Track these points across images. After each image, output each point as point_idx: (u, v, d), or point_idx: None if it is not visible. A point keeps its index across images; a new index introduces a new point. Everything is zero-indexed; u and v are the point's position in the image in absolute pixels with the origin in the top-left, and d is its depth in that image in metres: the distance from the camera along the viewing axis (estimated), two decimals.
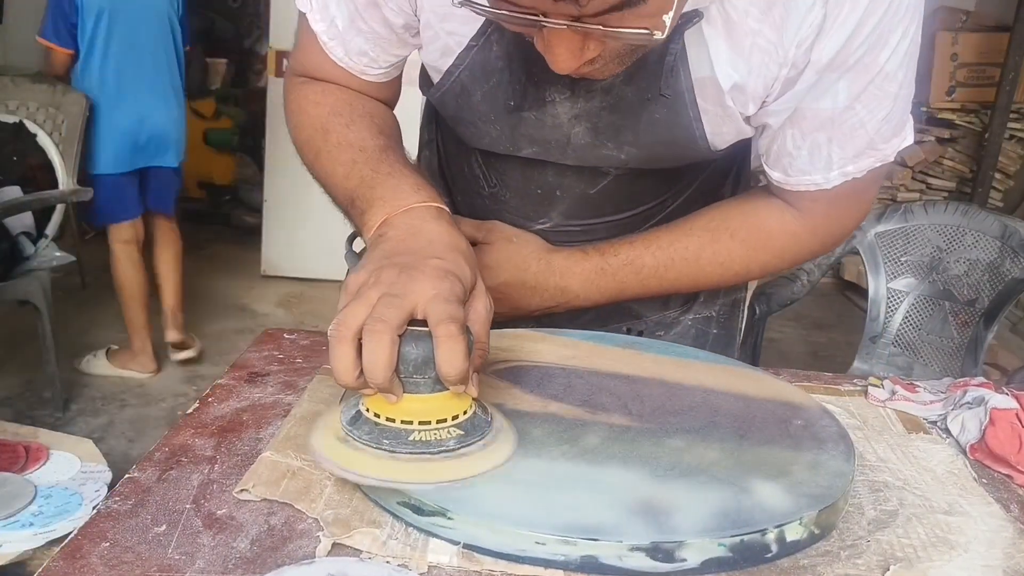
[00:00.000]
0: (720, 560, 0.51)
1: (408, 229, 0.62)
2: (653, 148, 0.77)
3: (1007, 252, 1.65)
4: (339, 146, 0.73)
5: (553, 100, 0.74)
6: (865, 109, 0.71)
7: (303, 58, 0.80)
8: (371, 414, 0.56)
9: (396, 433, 0.55)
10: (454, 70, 0.75)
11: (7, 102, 2.64)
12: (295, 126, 0.80)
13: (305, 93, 0.80)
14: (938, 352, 1.69)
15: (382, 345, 0.52)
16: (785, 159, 0.76)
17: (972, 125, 4.06)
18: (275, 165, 3.85)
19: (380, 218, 0.64)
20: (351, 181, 0.69)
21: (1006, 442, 0.68)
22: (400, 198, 0.65)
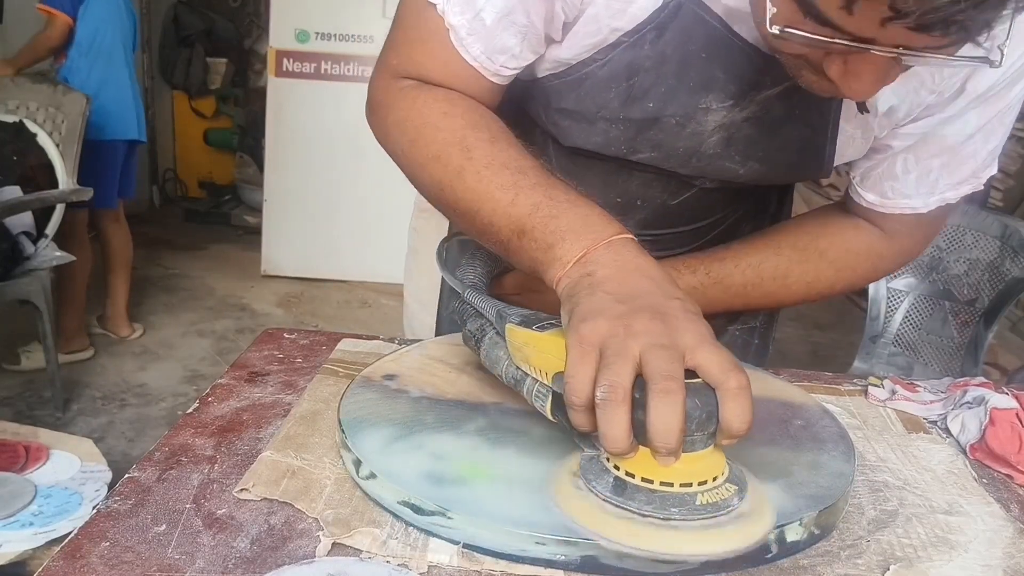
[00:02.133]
0: (719, 560, 0.50)
1: (620, 266, 0.56)
2: (776, 166, 0.75)
3: (1007, 252, 1.65)
4: (490, 166, 0.63)
5: (708, 107, 0.70)
6: (983, 139, 0.72)
7: (417, 56, 0.70)
8: (638, 479, 0.49)
9: (681, 499, 0.48)
10: (590, 63, 0.70)
11: (7, 102, 2.64)
12: (414, 140, 0.68)
13: (426, 100, 0.68)
14: (938, 352, 1.69)
15: (677, 406, 0.46)
16: (888, 182, 0.75)
17: None
18: (275, 165, 3.85)
19: (577, 253, 0.57)
20: (519, 208, 0.60)
21: (1006, 442, 0.68)
22: (594, 230, 0.58)
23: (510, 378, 0.59)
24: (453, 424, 0.62)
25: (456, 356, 0.74)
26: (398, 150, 0.70)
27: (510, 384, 0.59)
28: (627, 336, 0.49)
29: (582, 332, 0.51)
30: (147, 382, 2.83)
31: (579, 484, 0.52)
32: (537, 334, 0.55)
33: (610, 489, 0.50)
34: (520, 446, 0.59)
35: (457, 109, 0.68)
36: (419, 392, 0.67)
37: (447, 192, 0.66)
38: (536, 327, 0.56)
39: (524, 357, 0.56)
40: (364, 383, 0.68)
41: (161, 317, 3.36)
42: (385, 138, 0.72)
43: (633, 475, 0.49)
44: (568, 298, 0.55)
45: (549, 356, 0.53)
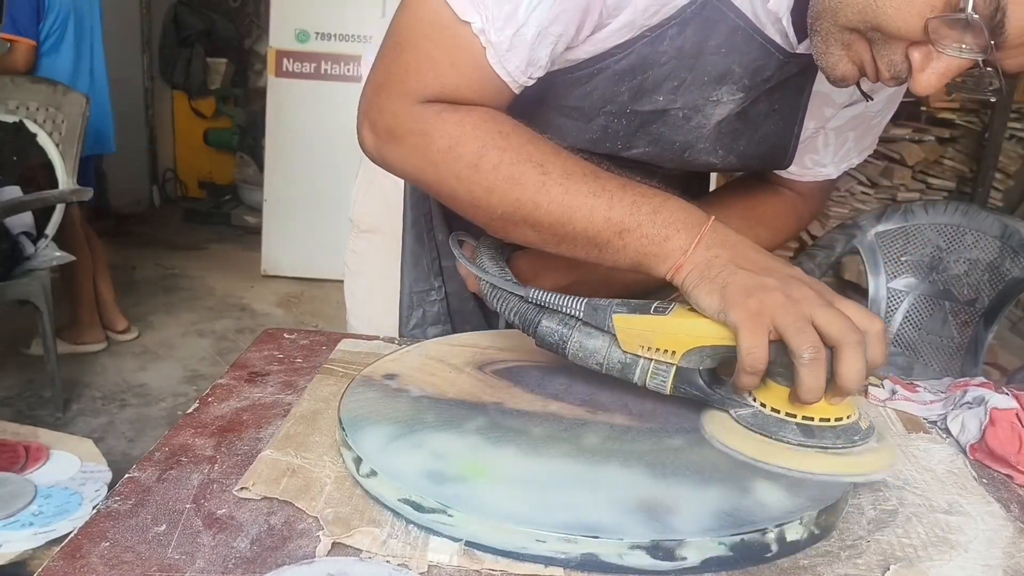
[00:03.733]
0: (720, 559, 0.51)
1: (733, 244, 0.62)
2: (750, 159, 0.80)
3: (1007, 252, 1.65)
4: (570, 176, 0.65)
5: (719, 100, 0.73)
6: (889, 111, 0.82)
7: (446, 78, 0.67)
8: (817, 421, 0.59)
9: (855, 428, 0.59)
10: (606, 57, 0.70)
11: (7, 102, 2.64)
12: (476, 164, 0.66)
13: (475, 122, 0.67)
14: (938, 352, 1.69)
15: (863, 356, 0.55)
16: (810, 156, 0.84)
17: (972, 125, 4.06)
18: (275, 165, 3.85)
19: (693, 239, 0.62)
20: (618, 210, 0.63)
21: (1006, 442, 0.68)
22: (694, 218, 0.63)
23: (614, 364, 0.63)
24: (453, 423, 0.62)
25: (456, 356, 0.74)
26: (451, 177, 0.68)
27: (612, 371, 0.63)
28: (794, 304, 0.56)
29: (750, 306, 0.57)
30: (147, 382, 2.83)
31: (758, 437, 0.60)
32: (660, 318, 0.61)
33: (800, 434, 0.59)
34: (520, 445, 0.59)
35: (508, 126, 0.67)
36: (419, 391, 0.67)
37: (527, 208, 0.66)
38: (653, 312, 0.62)
39: (644, 341, 0.62)
40: (364, 382, 0.68)
41: (161, 317, 3.36)
42: (425, 167, 0.69)
43: (812, 418, 0.59)
44: (702, 279, 0.60)
45: (677, 336, 0.60)
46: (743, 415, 0.61)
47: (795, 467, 0.57)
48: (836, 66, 0.63)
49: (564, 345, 0.65)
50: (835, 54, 0.63)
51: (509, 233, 0.69)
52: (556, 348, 0.65)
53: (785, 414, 0.59)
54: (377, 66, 0.71)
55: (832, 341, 0.55)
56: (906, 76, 0.60)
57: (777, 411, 0.59)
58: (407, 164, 0.70)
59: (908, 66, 0.60)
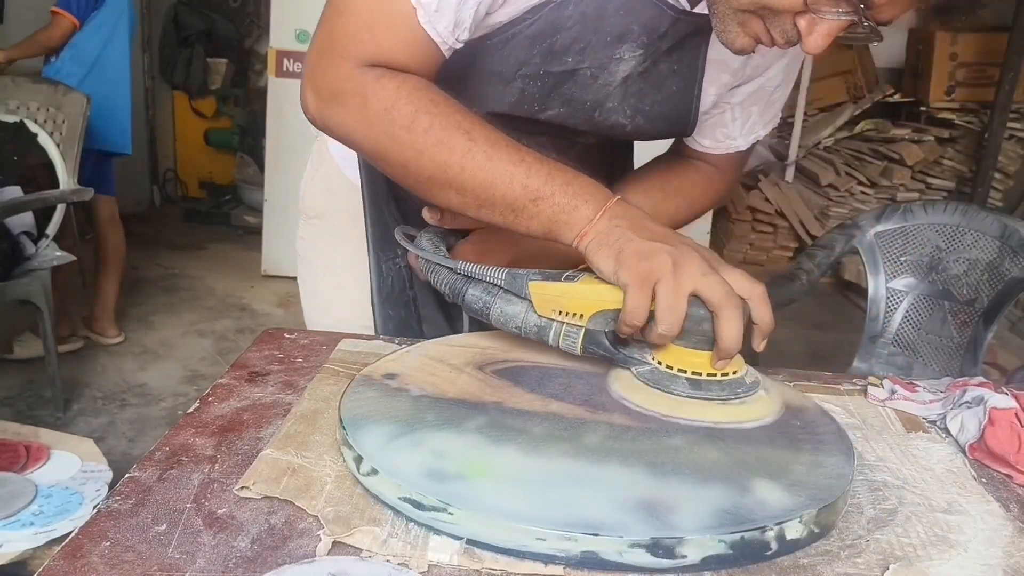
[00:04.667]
0: (720, 557, 0.51)
1: (633, 216, 0.68)
2: (656, 120, 0.87)
3: (1007, 252, 1.65)
4: (494, 145, 0.70)
5: (620, 58, 0.80)
6: (787, 84, 0.91)
7: (382, 40, 0.72)
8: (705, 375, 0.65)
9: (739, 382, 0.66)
10: (519, 22, 0.76)
11: (8, 102, 2.64)
12: (408, 126, 0.71)
13: (410, 88, 0.72)
14: (937, 352, 1.69)
15: (740, 320, 0.62)
16: (720, 129, 0.93)
17: (972, 125, 4.06)
18: (275, 165, 3.85)
19: (598, 210, 0.68)
20: (535, 178, 0.69)
21: (1005, 441, 0.68)
22: (602, 192, 0.69)
23: (530, 327, 0.69)
24: (454, 422, 0.62)
25: (456, 356, 0.74)
26: (385, 137, 0.72)
27: (529, 334, 0.69)
28: (678, 271, 0.62)
29: (640, 269, 0.63)
30: (147, 382, 2.83)
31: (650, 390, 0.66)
32: (569, 284, 0.67)
33: (688, 387, 0.65)
34: (520, 444, 0.59)
35: (439, 95, 0.73)
36: (419, 391, 0.67)
37: (454, 171, 0.71)
38: (563, 279, 0.68)
39: (555, 306, 0.67)
40: (365, 382, 0.68)
41: (161, 317, 3.36)
42: (360, 127, 0.73)
43: (700, 373, 0.65)
44: (601, 245, 0.66)
45: (584, 300, 0.66)
46: (642, 371, 0.67)
47: (682, 415, 0.63)
48: (735, 41, 0.71)
49: (488, 311, 0.70)
50: (733, 31, 0.71)
51: (435, 196, 0.74)
52: (481, 314, 0.71)
53: (677, 370, 0.65)
54: (319, 32, 0.76)
55: (712, 306, 0.62)
56: (797, 40, 0.68)
57: (671, 368, 0.65)
58: (345, 124, 0.74)
59: (797, 32, 0.67)
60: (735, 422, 0.63)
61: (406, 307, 0.96)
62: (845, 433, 0.66)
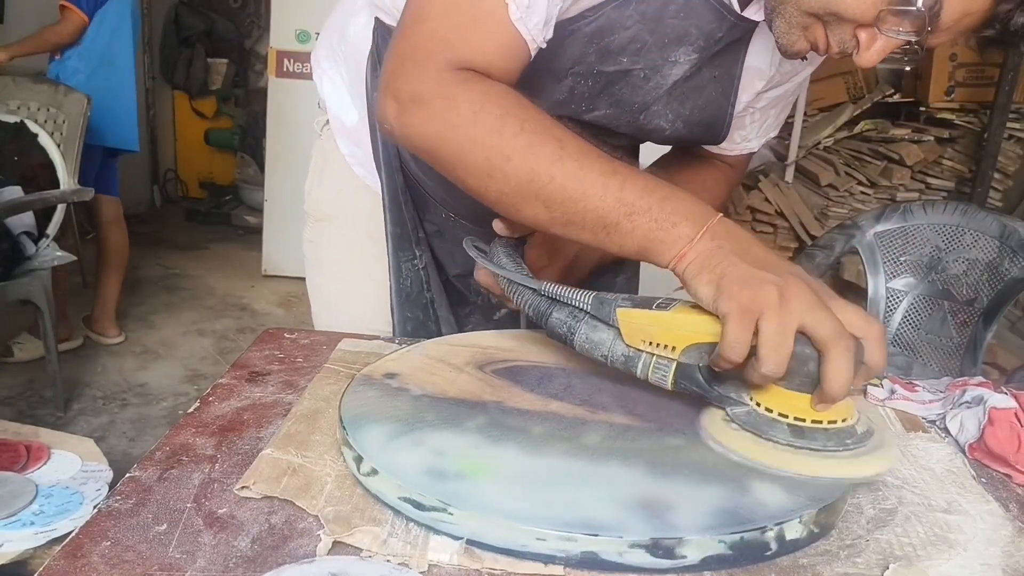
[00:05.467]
0: (720, 557, 0.51)
1: (738, 239, 0.63)
2: (694, 127, 0.87)
3: (1006, 252, 1.65)
4: (586, 155, 0.66)
5: (676, 61, 0.79)
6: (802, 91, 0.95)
7: (473, 41, 0.69)
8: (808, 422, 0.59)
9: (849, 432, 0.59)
10: (578, 19, 0.75)
11: (8, 102, 2.64)
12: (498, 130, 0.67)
13: (499, 92, 0.69)
14: (937, 351, 1.69)
15: (852, 360, 0.56)
16: (738, 132, 0.93)
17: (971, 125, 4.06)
18: (276, 165, 3.85)
19: (699, 229, 0.62)
20: (629, 192, 0.64)
21: (1005, 441, 0.68)
22: (703, 210, 0.64)
23: (617, 357, 0.64)
24: (454, 422, 0.62)
25: (457, 356, 0.74)
26: (469, 141, 0.68)
27: (616, 364, 0.65)
28: (785, 304, 0.56)
29: (743, 299, 0.57)
30: (148, 382, 2.83)
31: (750, 436, 0.60)
32: (662, 313, 0.62)
33: (790, 435, 0.59)
34: (520, 443, 0.59)
35: (527, 102, 0.69)
36: (420, 390, 0.67)
37: (542, 179, 0.66)
38: (655, 307, 0.63)
39: (645, 336, 0.63)
40: (365, 381, 0.68)
41: (162, 317, 3.36)
42: (445, 131, 0.69)
43: (804, 419, 0.59)
44: (702, 269, 0.60)
45: (677, 331, 0.61)
46: (737, 413, 0.61)
47: (780, 466, 0.58)
48: (795, 43, 0.72)
49: (572, 337, 0.66)
50: (795, 33, 0.71)
51: (520, 209, 0.69)
52: (565, 339, 0.67)
53: (778, 414, 0.59)
54: (399, 40, 0.71)
55: (819, 344, 0.56)
56: (851, 51, 0.69)
57: (770, 411, 0.60)
58: (428, 128, 0.69)
59: (855, 43, 0.68)
60: (842, 478, 0.57)
61: (424, 309, 0.96)
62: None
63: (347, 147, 0.99)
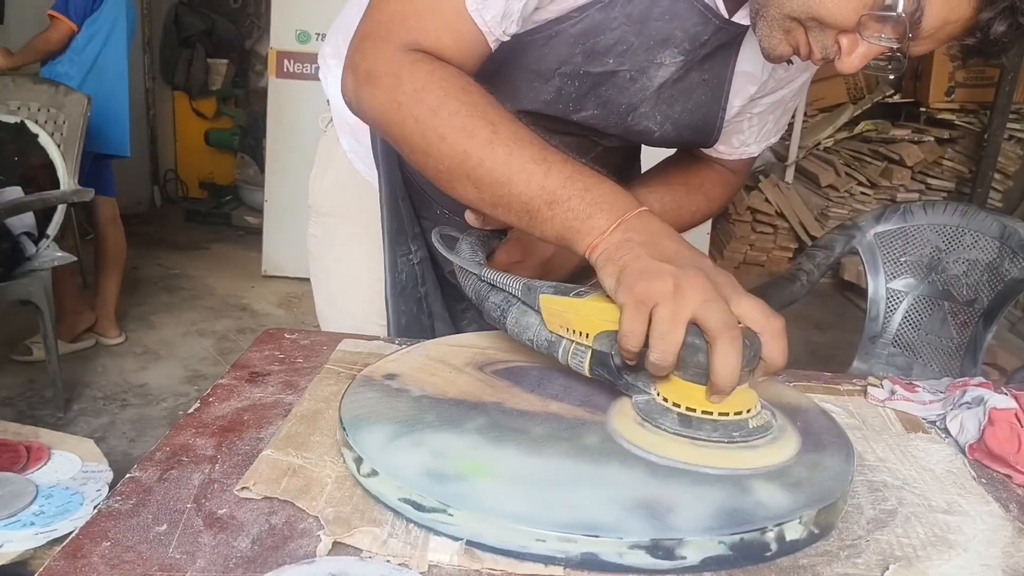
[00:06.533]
0: (720, 558, 0.51)
1: (651, 231, 0.63)
2: (683, 129, 0.88)
3: (1006, 252, 1.65)
4: (518, 141, 0.67)
5: (661, 63, 0.80)
6: (802, 92, 0.94)
7: (429, 26, 0.71)
8: (699, 412, 0.59)
9: (738, 425, 0.59)
10: (564, 20, 0.76)
11: (8, 102, 2.64)
12: (435, 110, 0.69)
13: (443, 74, 0.70)
14: (937, 352, 1.69)
15: (739, 351, 0.56)
16: (736, 136, 0.94)
17: (971, 125, 4.06)
18: (276, 165, 3.85)
19: (613, 221, 0.63)
20: (553, 180, 0.65)
21: (1005, 442, 0.68)
22: (623, 202, 0.65)
23: (541, 342, 0.66)
24: (454, 422, 0.62)
25: (457, 357, 0.74)
26: (411, 119, 0.70)
27: (541, 348, 0.66)
28: (678, 296, 0.57)
29: (638, 291, 0.58)
30: (148, 382, 2.83)
31: (642, 423, 0.61)
32: (576, 300, 0.63)
33: (678, 424, 0.59)
34: (520, 444, 0.59)
35: (473, 86, 0.71)
36: (420, 391, 0.67)
37: (472, 161, 0.68)
38: (572, 295, 0.64)
39: (562, 322, 0.64)
40: (365, 382, 0.68)
41: (162, 317, 3.36)
42: (390, 107, 0.71)
43: (694, 409, 0.59)
44: (608, 260, 0.62)
45: (590, 319, 0.62)
46: (638, 402, 0.63)
47: (661, 454, 0.58)
48: (777, 47, 0.72)
49: (504, 320, 0.69)
50: (776, 37, 0.71)
51: (453, 187, 0.71)
52: (498, 323, 0.70)
53: (672, 404, 0.60)
54: (365, 18, 0.74)
55: (708, 335, 0.56)
56: (834, 57, 0.69)
57: (666, 400, 0.61)
58: (376, 103, 0.73)
59: (837, 49, 0.68)
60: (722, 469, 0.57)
61: (418, 303, 0.97)
62: (845, 433, 0.66)
63: (349, 143, 1.01)
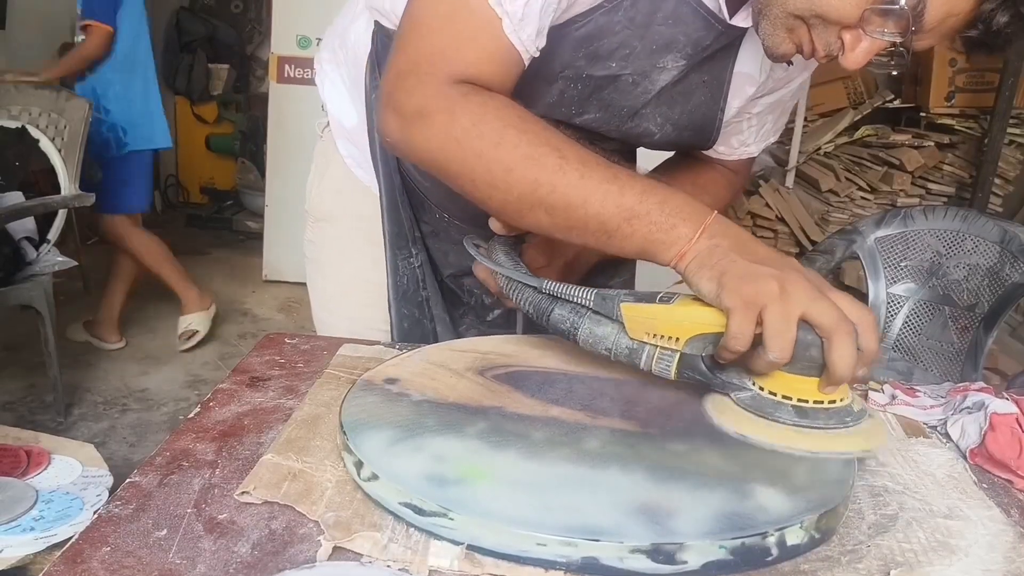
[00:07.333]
0: (721, 563, 0.51)
1: (734, 236, 0.65)
2: (683, 131, 0.88)
3: (1007, 257, 1.65)
4: (585, 163, 0.68)
5: (664, 67, 0.80)
6: (800, 91, 0.96)
7: (469, 55, 0.71)
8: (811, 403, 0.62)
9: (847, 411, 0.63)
10: (568, 25, 0.76)
11: (9, 107, 2.65)
12: (498, 143, 0.68)
13: (498, 105, 0.70)
14: (938, 357, 1.69)
15: (854, 344, 0.59)
16: (736, 137, 0.95)
17: (971, 130, 4.07)
18: (277, 170, 3.85)
19: (697, 229, 0.65)
20: (628, 197, 0.66)
21: (1006, 447, 0.68)
22: (699, 209, 0.66)
23: (622, 350, 0.66)
24: (454, 427, 0.62)
25: (457, 361, 0.74)
26: (472, 154, 0.69)
27: (620, 357, 0.67)
28: (786, 296, 0.59)
29: (745, 293, 0.60)
30: (148, 387, 2.82)
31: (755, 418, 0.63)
32: (665, 307, 0.65)
33: (794, 415, 0.62)
34: (520, 449, 0.59)
35: (527, 114, 0.71)
36: (420, 396, 0.67)
37: (544, 190, 0.68)
38: (658, 301, 0.65)
39: (648, 328, 0.65)
40: (365, 387, 0.68)
41: (163, 322, 3.36)
42: (449, 145, 0.70)
43: (806, 400, 0.62)
44: (702, 266, 0.63)
45: (682, 324, 0.64)
46: (742, 398, 0.64)
47: (790, 445, 0.61)
48: (780, 45, 0.72)
49: (575, 332, 0.68)
50: (780, 35, 0.71)
51: (524, 217, 0.70)
52: (568, 335, 0.68)
53: (782, 396, 0.62)
54: (398, 55, 0.73)
55: (824, 331, 0.59)
56: (837, 54, 0.69)
57: (774, 394, 0.63)
58: (432, 143, 0.71)
59: (841, 45, 0.68)
60: (843, 452, 0.61)
61: (419, 307, 0.97)
62: None
63: (346, 148, 1.01)
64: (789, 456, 0.61)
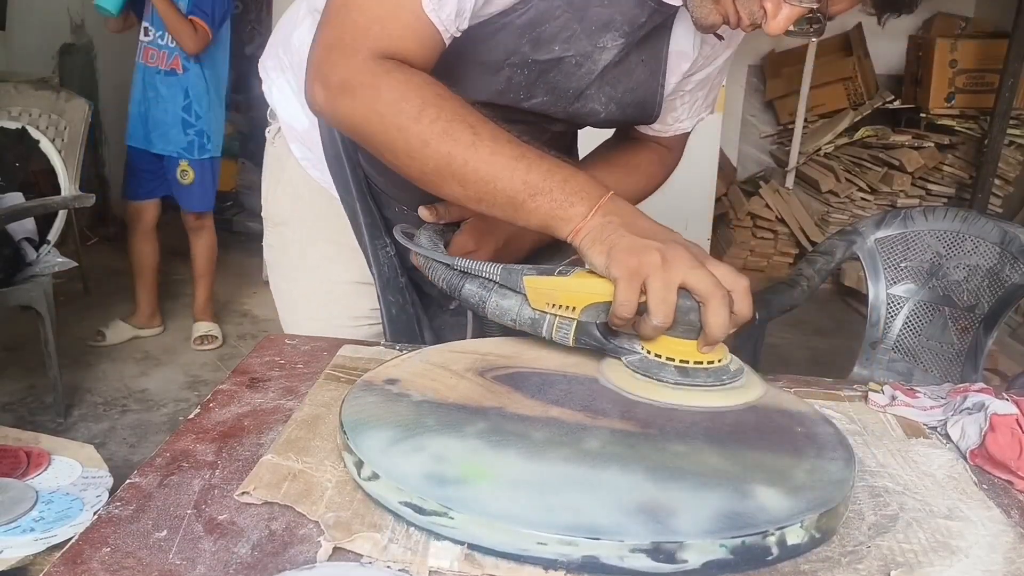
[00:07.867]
0: (721, 562, 0.51)
1: (626, 213, 0.70)
2: (627, 108, 0.92)
3: (1007, 258, 1.65)
4: (496, 140, 0.73)
5: (604, 47, 0.84)
6: (726, 67, 0.99)
7: (391, 30, 0.75)
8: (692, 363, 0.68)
9: (724, 370, 0.69)
10: (510, 12, 0.80)
11: (10, 108, 2.65)
12: (417, 117, 0.73)
13: (419, 82, 0.74)
14: (938, 358, 1.69)
15: (727, 309, 0.65)
16: (670, 114, 1.00)
17: (971, 131, 4.07)
18: None
19: (592, 206, 0.70)
20: (534, 174, 0.71)
21: (1006, 448, 0.68)
22: (597, 188, 0.72)
23: (525, 320, 0.71)
24: (454, 427, 0.62)
25: (457, 362, 0.74)
26: (394, 127, 0.74)
27: (523, 326, 0.72)
28: (667, 266, 0.65)
29: (630, 264, 0.65)
30: (148, 387, 2.82)
31: (640, 378, 0.69)
32: (563, 279, 0.70)
33: (677, 375, 0.68)
34: (520, 448, 0.59)
35: (446, 91, 0.75)
36: (420, 396, 0.67)
37: (457, 163, 0.72)
38: (556, 274, 0.71)
39: (548, 299, 0.70)
40: (365, 387, 0.68)
41: (163, 322, 3.36)
42: (372, 118, 0.75)
43: (687, 360, 0.68)
44: (595, 241, 0.69)
45: (577, 293, 0.69)
46: (632, 361, 0.70)
47: (671, 401, 0.67)
48: (708, 16, 0.77)
49: (484, 305, 0.73)
50: (707, 7, 0.76)
51: (439, 187, 0.76)
52: (477, 308, 0.74)
53: (665, 358, 0.68)
54: (325, 29, 0.77)
55: (700, 297, 0.65)
56: (760, 22, 0.74)
57: (659, 356, 0.68)
58: (356, 115, 0.76)
59: (763, 13, 0.73)
60: (722, 407, 0.67)
61: (401, 293, 0.99)
62: (846, 439, 0.66)
63: (300, 151, 1.02)
64: (789, 456, 0.61)
